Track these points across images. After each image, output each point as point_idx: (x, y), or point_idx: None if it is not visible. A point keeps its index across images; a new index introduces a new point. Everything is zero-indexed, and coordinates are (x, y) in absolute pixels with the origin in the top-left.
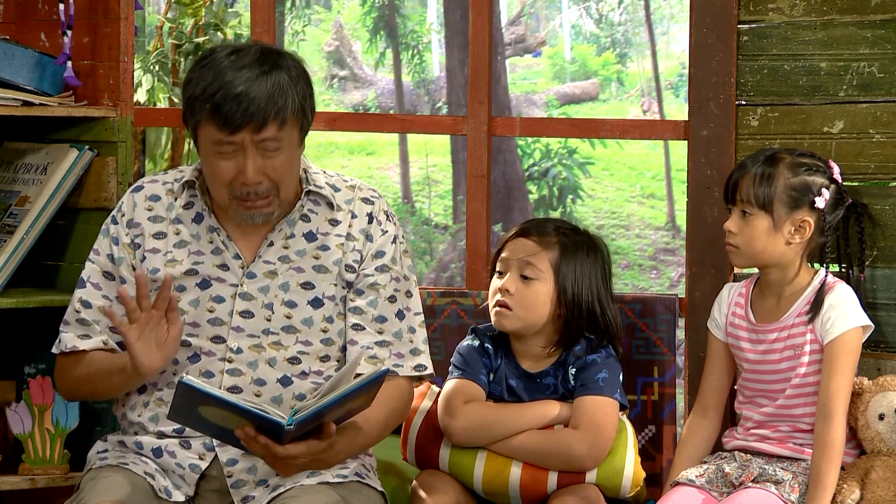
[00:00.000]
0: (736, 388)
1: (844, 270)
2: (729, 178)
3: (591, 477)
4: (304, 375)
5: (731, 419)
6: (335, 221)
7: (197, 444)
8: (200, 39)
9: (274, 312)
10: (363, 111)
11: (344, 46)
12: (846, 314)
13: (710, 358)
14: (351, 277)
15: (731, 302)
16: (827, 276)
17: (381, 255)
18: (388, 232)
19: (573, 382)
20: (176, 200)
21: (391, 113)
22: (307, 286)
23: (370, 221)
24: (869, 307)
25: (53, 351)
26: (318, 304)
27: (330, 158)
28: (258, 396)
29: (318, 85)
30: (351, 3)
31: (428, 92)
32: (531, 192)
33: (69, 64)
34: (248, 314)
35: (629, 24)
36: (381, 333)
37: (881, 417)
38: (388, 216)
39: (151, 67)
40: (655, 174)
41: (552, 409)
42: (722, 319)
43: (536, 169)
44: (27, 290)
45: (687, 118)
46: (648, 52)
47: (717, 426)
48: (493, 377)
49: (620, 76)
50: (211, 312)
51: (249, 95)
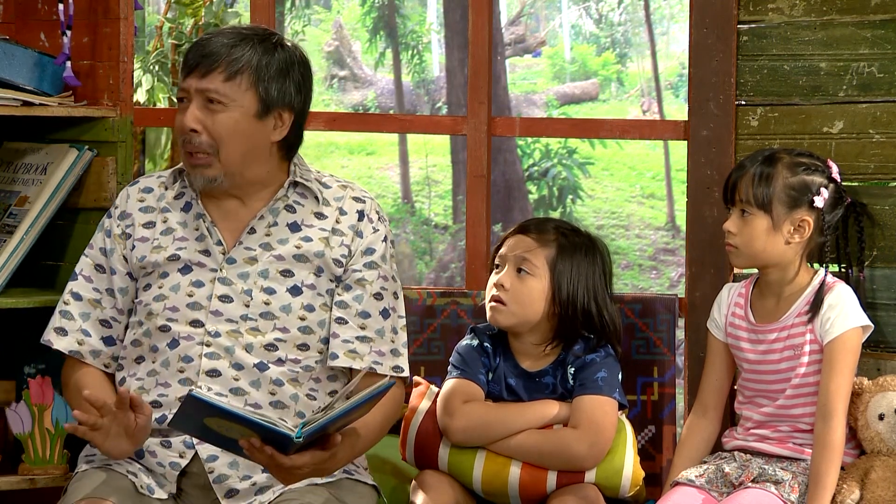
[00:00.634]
0: (736, 388)
1: (844, 270)
2: (728, 178)
3: (590, 477)
4: (280, 362)
5: (730, 419)
6: (321, 215)
7: (177, 442)
8: None
9: (252, 298)
10: (363, 111)
11: (344, 46)
12: (846, 314)
13: (709, 358)
14: (339, 272)
15: (730, 302)
16: (826, 276)
17: (370, 251)
18: (378, 231)
19: (572, 382)
20: (167, 191)
21: (391, 113)
22: (286, 273)
23: (360, 219)
24: (868, 307)
25: (42, 341)
26: (296, 291)
27: (330, 158)
28: (237, 381)
29: (317, 85)
30: (351, 3)
31: (428, 92)
32: (531, 192)
33: (69, 64)
34: (226, 299)
35: (629, 24)
36: (363, 329)
37: (881, 417)
38: (379, 217)
39: (151, 67)
40: (655, 174)
41: (551, 408)
42: (722, 320)
43: (536, 169)
44: (27, 290)
45: (687, 118)
46: (648, 52)
47: (716, 426)
48: (492, 377)
49: (620, 76)
50: (190, 297)
51: (211, 42)
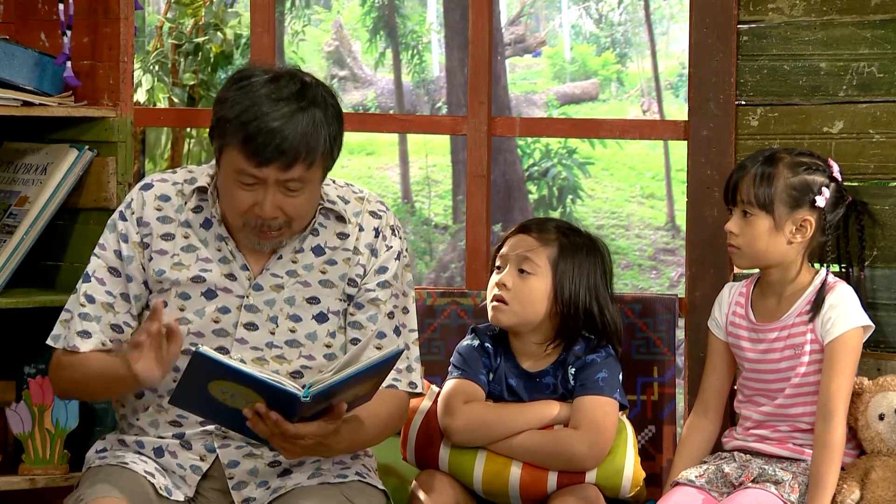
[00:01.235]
0: (736, 387)
1: (844, 270)
2: (729, 179)
3: (590, 477)
4: None
5: (731, 419)
6: (344, 235)
7: (198, 445)
8: (200, 39)
9: (278, 326)
10: (363, 111)
11: (344, 46)
12: (847, 314)
13: (710, 357)
14: (352, 291)
15: (731, 301)
16: (828, 275)
17: (383, 270)
18: (392, 248)
19: (573, 382)
20: (186, 203)
21: (391, 113)
22: (313, 301)
23: (376, 236)
24: (869, 307)
25: (49, 343)
26: (322, 318)
27: None
28: None
29: None
30: (351, 3)
31: (428, 92)
32: (531, 192)
33: (69, 64)
34: (252, 326)
35: (629, 24)
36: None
37: (881, 417)
38: (393, 231)
39: (151, 67)
40: (655, 174)
41: (552, 408)
42: (722, 319)
43: (536, 169)
44: (27, 290)
45: (687, 118)
46: (648, 52)
47: (717, 426)
48: (492, 377)
49: (620, 76)
50: (216, 323)
51: (283, 133)
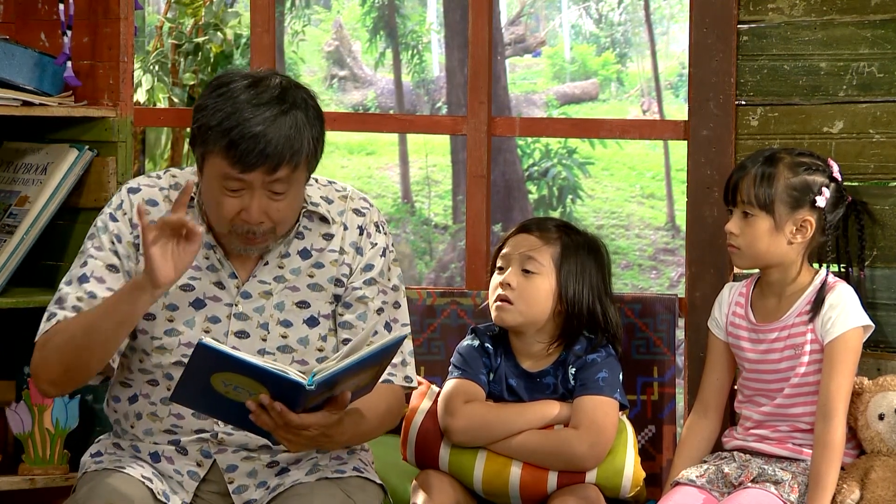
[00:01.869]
0: (736, 387)
1: (844, 270)
2: (729, 179)
3: (591, 477)
4: None
5: (731, 419)
6: (329, 236)
7: (194, 450)
8: (200, 39)
9: (269, 332)
10: (363, 111)
11: (344, 46)
12: (847, 314)
13: (710, 357)
14: (339, 291)
15: (731, 301)
16: (828, 275)
17: (369, 268)
18: (377, 244)
19: (573, 382)
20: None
21: (391, 113)
22: (302, 305)
23: (361, 234)
24: (869, 307)
25: (41, 332)
26: (313, 322)
27: (330, 158)
28: None
29: (317, 85)
30: (351, 3)
31: (428, 92)
32: (531, 192)
33: (69, 64)
34: (243, 335)
35: (629, 24)
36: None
37: (881, 417)
38: (378, 227)
39: (151, 67)
40: (655, 174)
41: (552, 408)
42: (722, 319)
43: (536, 169)
44: (27, 290)
45: (687, 118)
46: (648, 52)
47: (717, 426)
48: (493, 377)
49: (620, 76)
50: (206, 332)
51: (267, 137)
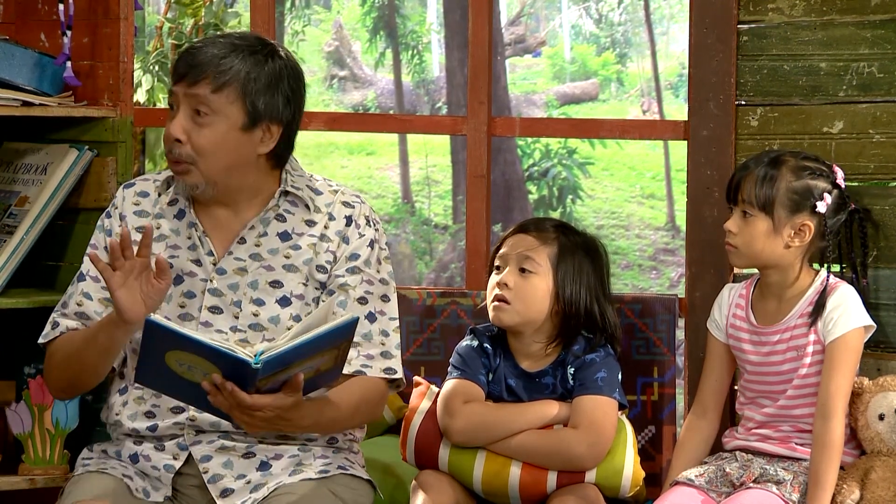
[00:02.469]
0: (737, 389)
1: (845, 272)
2: (731, 177)
3: (590, 477)
4: None
5: (730, 419)
6: (311, 222)
7: (171, 444)
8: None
9: (242, 310)
10: (363, 111)
11: (344, 46)
12: (849, 314)
13: (709, 358)
14: (323, 278)
15: (731, 303)
16: (828, 277)
17: (354, 257)
18: (365, 236)
19: (572, 382)
20: (160, 196)
21: (391, 113)
22: (276, 284)
23: (348, 224)
24: (870, 307)
25: (41, 341)
26: (285, 302)
27: (330, 158)
28: None
29: (318, 85)
30: (351, 3)
31: (428, 92)
32: (531, 192)
33: (69, 64)
34: (216, 310)
35: (629, 24)
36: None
37: (881, 417)
38: (368, 221)
39: (151, 67)
40: (655, 174)
41: (551, 408)
42: (722, 321)
43: (536, 169)
44: (27, 290)
45: (687, 118)
46: (648, 52)
47: (715, 427)
48: (492, 377)
49: (620, 76)
50: (182, 308)
51: (202, 51)
